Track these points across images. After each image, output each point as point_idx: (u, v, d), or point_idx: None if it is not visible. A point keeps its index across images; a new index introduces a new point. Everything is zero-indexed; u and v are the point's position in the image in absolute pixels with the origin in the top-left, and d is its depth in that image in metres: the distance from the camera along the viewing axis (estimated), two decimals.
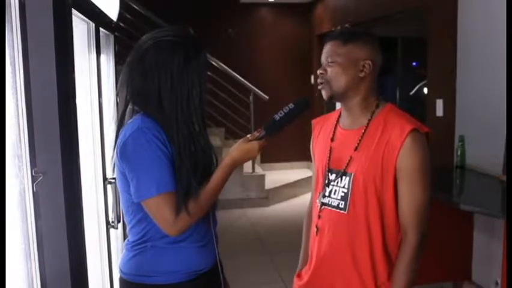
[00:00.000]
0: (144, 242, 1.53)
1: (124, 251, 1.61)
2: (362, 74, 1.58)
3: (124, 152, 1.46)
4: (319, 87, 1.63)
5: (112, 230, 2.42)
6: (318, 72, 1.62)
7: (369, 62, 1.58)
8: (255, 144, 1.54)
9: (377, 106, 1.62)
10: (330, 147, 1.67)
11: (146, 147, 1.43)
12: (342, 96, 1.61)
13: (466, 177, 3.50)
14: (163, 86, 1.48)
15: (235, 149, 1.55)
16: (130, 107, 1.56)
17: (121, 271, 1.59)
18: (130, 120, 1.51)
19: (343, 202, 1.60)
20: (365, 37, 1.61)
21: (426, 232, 1.55)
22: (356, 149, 1.59)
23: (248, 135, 1.57)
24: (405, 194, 1.54)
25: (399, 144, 1.51)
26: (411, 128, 1.52)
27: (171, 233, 1.47)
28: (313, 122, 1.83)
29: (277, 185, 6.58)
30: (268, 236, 5.10)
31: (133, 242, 1.56)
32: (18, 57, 1.39)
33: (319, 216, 1.68)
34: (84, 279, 1.82)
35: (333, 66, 1.58)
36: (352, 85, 1.58)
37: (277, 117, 1.55)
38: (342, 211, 1.60)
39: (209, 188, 1.51)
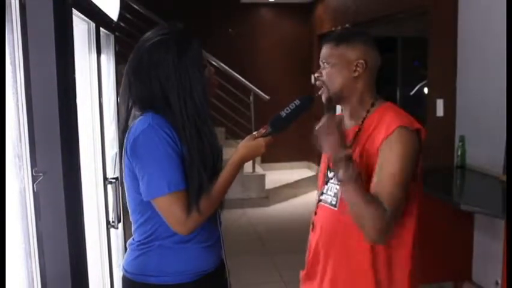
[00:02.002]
0: (150, 241, 1.53)
1: (128, 250, 1.60)
2: (355, 74, 1.59)
3: (135, 149, 1.46)
4: (320, 92, 1.64)
5: (112, 230, 2.42)
6: (316, 75, 1.65)
7: (362, 62, 1.58)
8: (261, 141, 1.55)
9: (372, 105, 1.62)
10: None
11: (157, 144, 1.43)
12: (339, 97, 1.62)
13: (466, 177, 3.50)
14: (165, 86, 1.48)
15: (243, 146, 1.56)
16: (137, 113, 1.55)
17: (124, 270, 1.59)
18: (140, 118, 1.51)
19: (335, 199, 1.62)
20: (357, 37, 1.62)
21: (392, 227, 1.48)
22: (349, 148, 1.59)
23: (254, 133, 1.58)
24: (380, 188, 1.48)
25: (381, 139, 1.51)
26: (396, 126, 1.51)
27: (182, 231, 1.47)
28: None
29: (278, 185, 6.58)
30: (268, 236, 5.10)
31: (139, 241, 1.56)
32: (19, 57, 1.39)
33: (315, 213, 1.72)
34: (84, 279, 1.82)
35: (327, 68, 1.61)
36: (346, 85, 1.59)
37: (283, 113, 1.57)
38: (333, 207, 1.63)
39: (219, 186, 1.51)
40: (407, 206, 1.57)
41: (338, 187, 1.61)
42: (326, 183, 1.68)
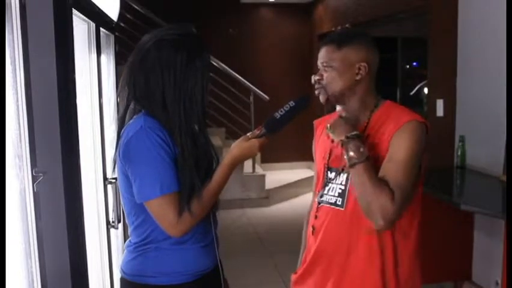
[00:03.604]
0: (147, 243, 1.53)
1: (125, 252, 1.60)
2: (358, 77, 1.58)
3: (127, 152, 1.45)
4: (316, 92, 1.63)
5: (112, 230, 2.42)
6: (315, 78, 1.62)
7: (365, 65, 1.57)
8: (255, 142, 1.54)
9: (376, 105, 1.62)
10: (330, 148, 1.68)
11: (149, 147, 1.43)
12: (338, 99, 1.62)
13: (466, 177, 3.50)
14: (166, 85, 1.47)
15: (236, 147, 1.55)
16: (131, 106, 1.55)
17: (122, 272, 1.58)
18: (132, 120, 1.51)
19: (340, 199, 1.60)
20: (359, 39, 1.60)
21: (397, 211, 1.46)
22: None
23: (248, 134, 1.58)
24: (384, 173, 1.48)
25: (392, 133, 1.52)
26: (406, 119, 1.53)
27: (174, 234, 1.47)
28: (315, 122, 1.84)
29: (278, 185, 6.58)
30: (268, 236, 5.10)
31: (136, 243, 1.55)
32: (19, 57, 1.39)
33: (316, 216, 1.68)
34: (84, 279, 1.82)
35: (328, 71, 1.58)
36: (348, 88, 1.58)
37: (277, 115, 1.56)
38: (339, 208, 1.60)
39: (211, 187, 1.51)
40: (414, 200, 1.57)
41: (342, 187, 1.59)
42: (326, 184, 1.66)
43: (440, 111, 3.89)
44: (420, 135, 1.52)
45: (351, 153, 1.48)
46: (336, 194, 1.61)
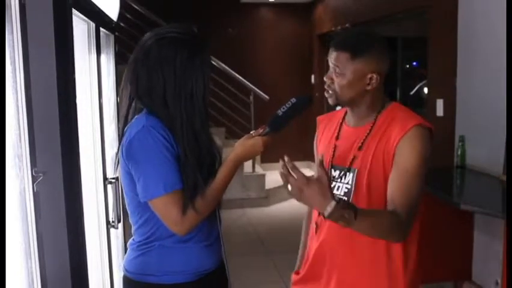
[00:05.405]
0: (151, 241, 1.54)
1: (128, 250, 1.61)
2: (368, 87, 1.57)
3: (130, 151, 1.46)
4: (326, 94, 1.63)
5: (112, 230, 2.42)
6: (325, 78, 1.62)
7: (377, 76, 1.56)
8: (258, 140, 1.54)
9: (383, 106, 1.63)
10: (335, 145, 1.68)
11: (152, 146, 1.43)
12: (348, 105, 1.64)
13: (466, 177, 3.50)
14: (167, 82, 1.48)
15: (240, 145, 1.56)
16: (133, 105, 1.56)
17: (125, 270, 1.59)
18: (134, 119, 1.51)
19: (346, 198, 1.59)
20: (373, 49, 1.57)
21: (411, 223, 1.48)
22: (360, 147, 1.59)
23: (252, 132, 1.58)
24: (397, 183, 1.49)
25: (399, 137, 1.52)
26: (413, 124, 1.52)
27: (179, 231, 1.48)
28: (319, 118, 1.84)
29: (278, 184, 6.56)
30: (268, 236, 5.10)
31: (139, 241, 1.56)
32: (19, 58, 1.39)
33: (319, 213, 1.67)
34: (84, 279, 1.82)
35: (340, 78, 1.57)
36: (358, 97, 1.59)
37: (280, 112, 1.56)
38: None
39: (215, 185, 1.52)
40: None
41: (348, 186, 1.59)
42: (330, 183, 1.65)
43: (440, 111, 3.89)
44: (427, 141, 1.52)
45: (341, 223, 1.35)
46: (342, 193, 1.60)
